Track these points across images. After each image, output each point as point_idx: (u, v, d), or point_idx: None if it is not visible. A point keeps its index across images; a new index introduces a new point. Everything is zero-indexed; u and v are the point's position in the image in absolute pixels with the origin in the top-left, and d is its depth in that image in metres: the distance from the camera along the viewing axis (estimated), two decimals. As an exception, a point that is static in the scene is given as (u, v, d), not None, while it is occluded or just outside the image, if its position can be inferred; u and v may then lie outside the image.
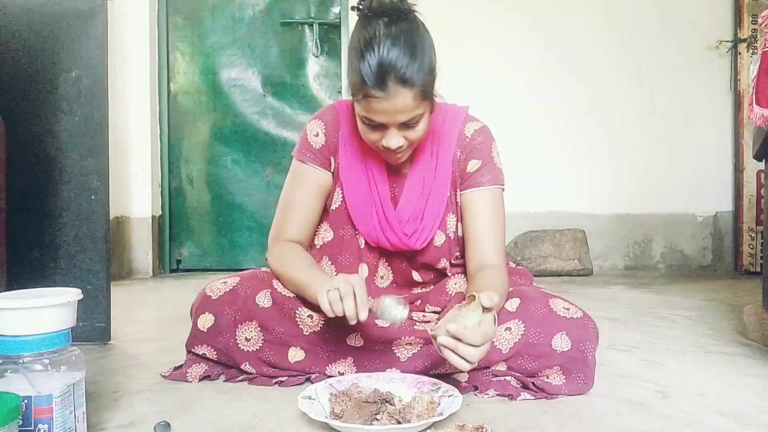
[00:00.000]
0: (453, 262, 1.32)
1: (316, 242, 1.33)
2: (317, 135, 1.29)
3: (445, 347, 0.94)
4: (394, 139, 1.11)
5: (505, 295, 1.17)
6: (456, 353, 0.93)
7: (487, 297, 0.96)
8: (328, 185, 1.30)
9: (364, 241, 1.27)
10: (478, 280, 1.19)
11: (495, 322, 1.01)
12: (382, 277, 1.31)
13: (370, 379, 1.11)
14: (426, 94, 1.09)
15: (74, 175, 1.60)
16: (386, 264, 1.31)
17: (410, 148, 1.18)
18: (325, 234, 1.31)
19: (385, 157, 1.20)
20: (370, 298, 1.07)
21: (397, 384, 1.09)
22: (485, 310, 0.97)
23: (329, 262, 1.31)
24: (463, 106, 1.33)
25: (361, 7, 1.10)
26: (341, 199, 1.28)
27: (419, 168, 1.27)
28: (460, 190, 1.28)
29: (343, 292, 1.01)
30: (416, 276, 1.30)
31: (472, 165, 1.27)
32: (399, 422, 0.93)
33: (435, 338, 0.97)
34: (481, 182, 1.26)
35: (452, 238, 1.29)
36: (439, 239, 1.27)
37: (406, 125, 1.11)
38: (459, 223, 1.29)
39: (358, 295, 1.01)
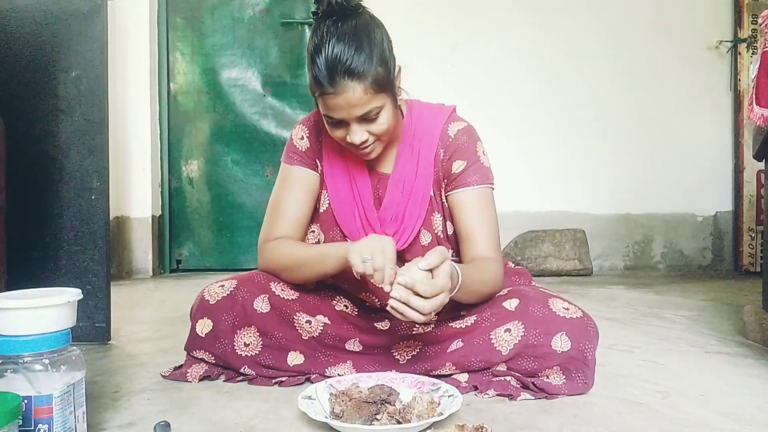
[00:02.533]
0: (451, 259, 1.32)
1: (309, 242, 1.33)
2: (302, 138, 1.31)
3: (397, 300, 0.96)
4: (357, 135, 1.12)
5: (489, 279, 1.17)
6: (409, 306, 0.96)
7: (431, 256, 0.98)
8: (317, 186, 1.31)
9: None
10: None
11: (453, 276, 1.03)
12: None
13: (370, 379, 1.11)
14: (380, 86, 1.10)
15: (74, 175, 1.60)
16: None
17: (379, 143, 1.18)
18: (317, 236, 1.31)
19: (357, 153, 1.20)
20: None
21: (397, 384, 1.09)
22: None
23: None
24: (449, 106, 1.33)
25: (315, 10, 1.13)
26: (328, 201, 1.29)
27: (400, 168, 1.27)
28: (447, 191, 1.27)
29: (377, 265, 1.03)
30: None
31: (457, 165, 1.25)
32: (399, 422, 0.93)
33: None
34: (468, 182, 1.24)
35: (441, 236, 1.28)
36: (426, 239, 1.27)
37: (365, 119, 1.12)
38: (448, 222, 1.29)
39: (387, 269, 1.03)
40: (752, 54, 3.45)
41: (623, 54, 3.49)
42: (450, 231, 1.29)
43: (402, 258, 1.29)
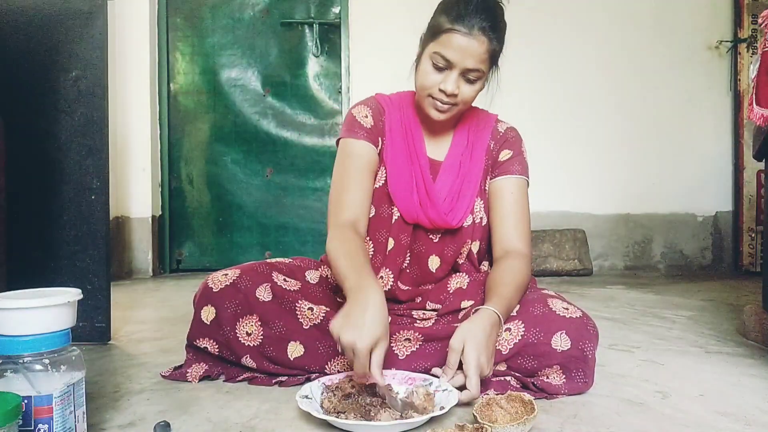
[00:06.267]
0: (460, 261, 1.34)
1: None
2: (366, 116, 1.34)
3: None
4: (451, 84, 1.19)
5: (522, 286, 1.21)
6: None
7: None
8: (377, 162, 1.33)
9: (395, 218, 1.31)
10: (495, 276, 1.21)
11: (496, 325, 1.09)
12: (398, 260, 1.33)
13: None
14: (493, 57, 1.21)
15: (74, 175, 1.59)
16: (408, 249, 1.33)
17: (456, 107, 1.24)
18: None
19: (432, 109, 1.24)
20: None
21: (388, 380, 1.09)
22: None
23: (368, 239, 1.34)
24: (493, 113, 1.42)
25: None
26: (384, 178, 1.32)
27: (456, 154, 1.34)
28: (491, 178, 1.35)
29: (350, 357, 0.98)
30: (431, 265, 1.33)
31: (504, 154, 1.36)
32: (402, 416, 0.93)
33: None
34: (511, 171, 1.34)
35: (477, 223, 1.34)
36: (467, 222, 1.32)
37: (466, 77, 1.19)
38: (483, 212, 1.34)
39: (374, 359, 0.98)
40: (752, 54, 3.45)
41: (623, 54, 3.49)
42: (485, 221, 1.35)
43: (442, 242, 1.33)
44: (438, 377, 1.08)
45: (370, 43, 3.38)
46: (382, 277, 1.31)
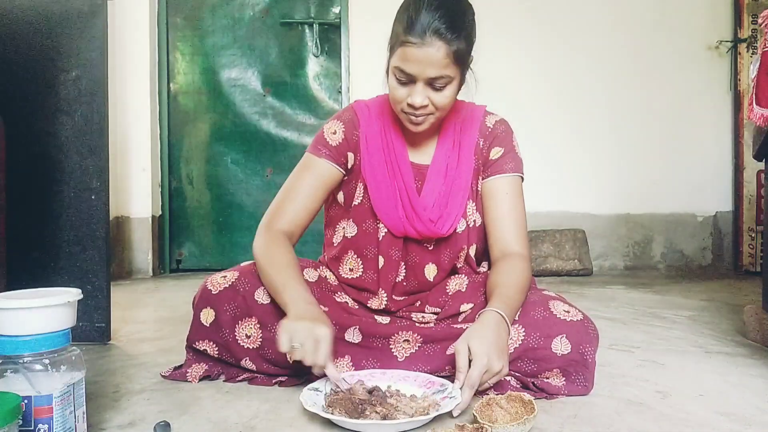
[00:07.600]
0: (459, 264, 1.33)
1: (337, 238, 1.34)
2: (335, 133, 1.31)
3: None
4: (419, 96, 1.14)
5: (524, 287, 1.19)
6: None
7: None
8: (336, 181, 1.31)
9: (383, 234, 1.28)
10: (496, 279, 1.19)
11: (503, 329, 1.07)
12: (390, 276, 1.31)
13: (384, 376, 1.11)
14: (458, 59, 1.12)
15: (74, 175, 1.60)
16: (402, 262, 1.31)
17: (433, 116, 1.19)
18: (349, 229, 1.31)
19: (408, 123, 1.20)
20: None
21: (410, 382, 1.10)
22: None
23: (355, 256, 1.31)
24: (480, 105, 1.37)
25: None
26: (363, 194, 1.29)
27: (442, 157, 1.29)
28: (483, 178, 1.31)
29: (307, 349, 1.01)
30: (428, 274, 1.31)
31: (495, 152, 1.31)
32: (384, 418, 0.94)
33: None
34: (503, 169, 1.30)
35: (471, 226, 1.30)
36: (461, 226, 1.29)
37: (432, 86, 1.14)
38: (477, 213, 1.31)
39: (321, 351, 1.02)
40: (752, 54, 3.45)
41: (623, 54, 3.49)
42: (479, 222, 1.31)
43: (437, 250, 1.30)
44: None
45: (370, 43, 3.38)
46: (377, 298, 1.30)
